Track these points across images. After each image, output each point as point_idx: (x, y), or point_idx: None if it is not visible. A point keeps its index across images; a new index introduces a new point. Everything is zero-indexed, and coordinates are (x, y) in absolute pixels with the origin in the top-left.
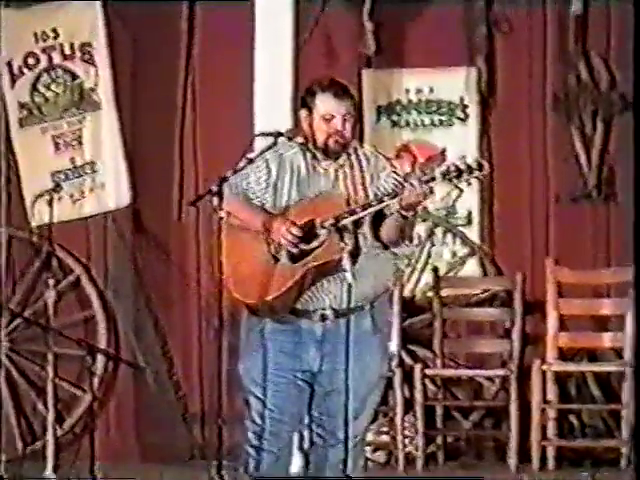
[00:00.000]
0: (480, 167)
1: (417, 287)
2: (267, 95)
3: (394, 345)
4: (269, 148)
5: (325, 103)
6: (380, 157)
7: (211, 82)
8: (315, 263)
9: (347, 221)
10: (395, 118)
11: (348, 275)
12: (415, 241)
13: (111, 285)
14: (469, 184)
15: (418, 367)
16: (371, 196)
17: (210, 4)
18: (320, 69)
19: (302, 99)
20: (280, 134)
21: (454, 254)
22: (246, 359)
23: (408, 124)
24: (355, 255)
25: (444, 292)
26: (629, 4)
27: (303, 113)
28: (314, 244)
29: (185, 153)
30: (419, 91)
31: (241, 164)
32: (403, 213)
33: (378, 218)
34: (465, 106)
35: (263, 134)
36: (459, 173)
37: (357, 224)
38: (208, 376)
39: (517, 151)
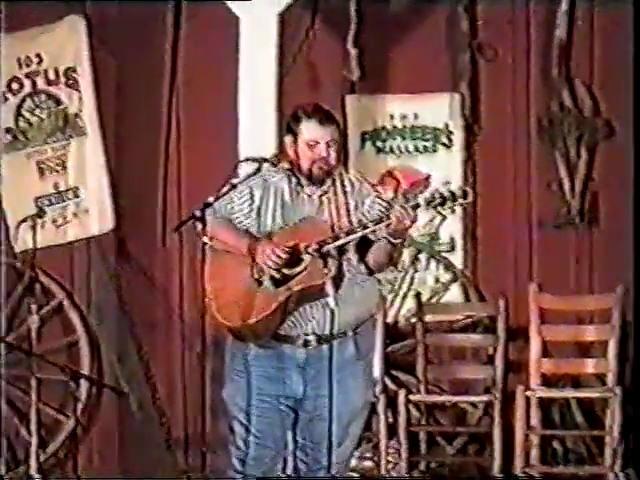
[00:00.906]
0: (464, 195)
1: (400, 313)
2: (251, 121)
3: (377, 371)
4: (253, 174)
5: (309, 129)
6: (364, 183)
7: (195, 107)
8: (298, 287)
9: (331, 247)
10: (380, 144)
11: (331, 301)
12: (399, 267)
13: (94, 310)
14: (453, 211)
15: (402, 393)
16: (355, 222)
17: (195, 29)
18: (304, 95)
19: (287, 125)
20: (264, 160)
21: (437, 280)
22: (230, 384)
23: (392, 150)
24: (338, 281)
25: (427, 318)
26: (614, 28)
27: (288, 139)
28: (297, 269)
29: (169, 178)
30: (404, 117)
31: (225, 189)
32: (391, 239)
33: (364, 244)
34: (450, 132)
35: (247, 160)
36: (443, 201)
37: (341, 250)
38: (192, 401)
39: (501, 177)
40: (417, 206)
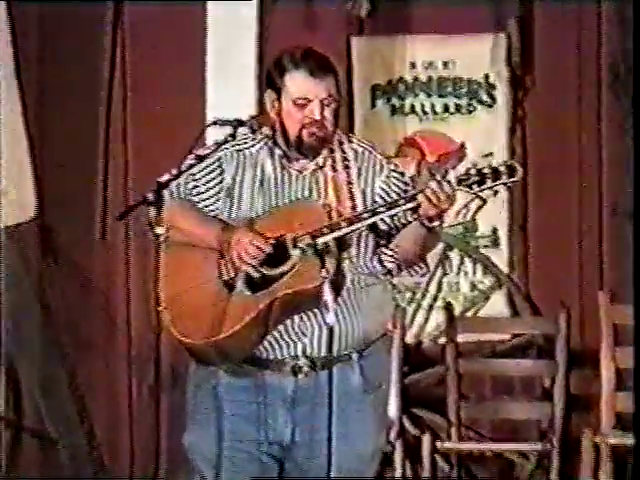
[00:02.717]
0: (511, 171)
1: (424, 330)
2: (223, 71)
3: (393, 409)
4: (224, 142)
5: (298, 83)
6: (375, 154)
7: (147, 56)
8: (283, 293)
9: (328, 239)
10: (396, 102)
11: (329, 314)
12: (423, 268)
13: (10, 325)
14: (495, 193)
15: (426, 439)
16: (360, 206)
17: None
18: (295, 35)
19: (268, 77)
20: (240, 123)
21: (474, 286)
22: (193, 426)
23: (414, 110)
24: (339, 285)
25: (461, 337)
26: None
27: (270, 96)
28: (283, 268)
29: (112, 152)
30: (429, 66)
31: (187, 163)
32: (426, 223)
33: (377, 233)
34: (492, 86)
35: (217, 123)
36: (482, 179)
37: (342, 243)
38: (141, 449)
39: (561, 148)
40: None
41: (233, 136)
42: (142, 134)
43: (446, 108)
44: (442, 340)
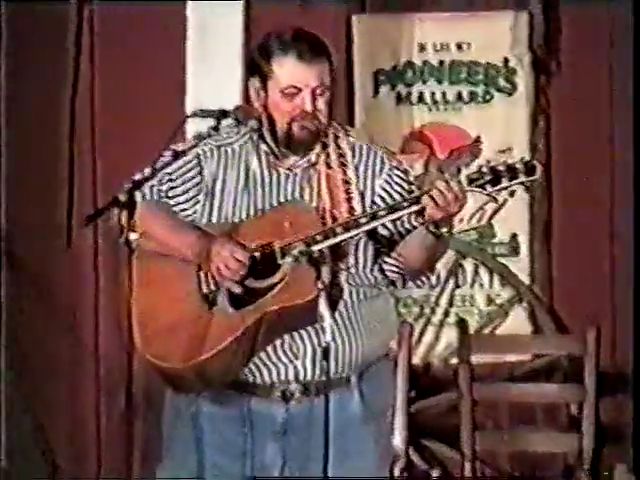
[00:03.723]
0: (529, 169)
1: (434, 350)
2: (204, 55)
3: (398, 440)
4: (207, 136)
5: (286, 69)
6: (376, 150)
7: (118, 41)
8: (272, 309)
9: (323, 246)
10: (402, 90)
11: (325, 331)
12: (432, 279)
13: None
14: (512, 194)
15: (436, 473)
16: (359, 209)
17: None
18: (287, 14)
19: (252, 62)
20: (224, 114)
21: (491, 300)
22: (169, 460)
23: (422, 99)
24: (336, 299)
25: (475, 358)
26: None
27: (254, 84)
28: (271, 280)
29: (78, 149)
30: (441, 48)
31: (163, 160)
32: (432, 229)
33: (378, 239)
34: (512, 71)
35: (198, 115)
36: (496, 178)
37: (338, 251)
38: None
39: (590, 142)
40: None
41: (216, 129)
42: (112, 128)
43: (459, 96)
44: (454, 361)
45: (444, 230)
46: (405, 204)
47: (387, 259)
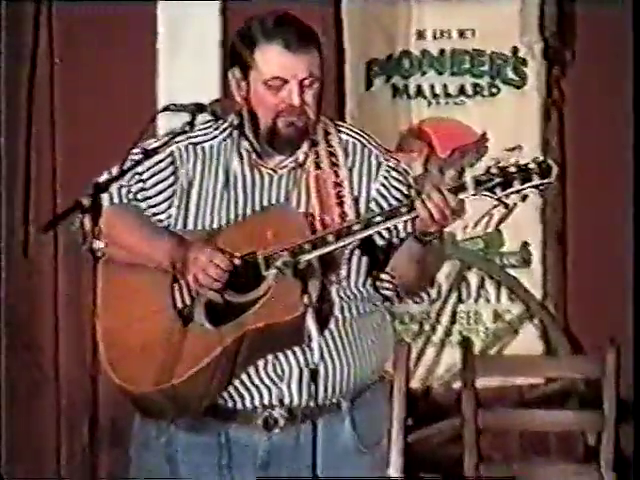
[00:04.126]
0: (544, 170)
1: (434, 373)
2: (177, 43)
3: (394, 472)
4: (180, 133)
5: (271, 59)
6: (371, 147)
7: (81, 27)
8: (255, 326)
9: (312, 257)
10: (399, 82)
11: (313, 351)
12: (432, 293)
13: None
14: (524, 198)
15: None
16: (352, 215)
17: None
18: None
19: (232, 51)
20: (200, 109)
21: (498, 316)
22: None
23: (421, 92)
24: (325, 315)
25: (481, 382)
26: None
27: (235, 75)
28: (254, 294)
29: (36, 146)
30: (442, 35)
31: (132, 159)
32: (419, 236)
33: (373, 249)
34: (521, 61)
35: (171, 109)
36: (507, 180)
37: (328, 262)
38: None
39: (608, 140)
40: (462, 188)
41: (191, 125)
42: (75, 125)
43: (462, 89)
44: (457, 385)
45: (429, 238)
46: (404, 209)
47: (381, 275)
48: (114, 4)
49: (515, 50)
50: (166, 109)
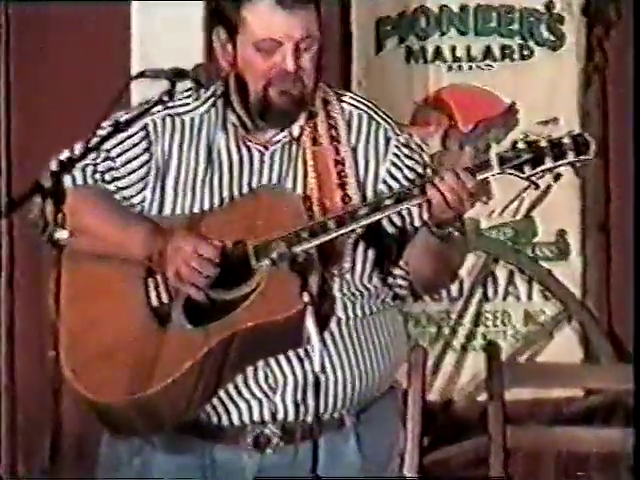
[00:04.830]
0: (580, 145)
1: (455, 383)
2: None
3: None
4: (158, 103)
5: (261, 17)
6: (378, 120)
7: None
8: (244, 326)
9: (310, 246)
10: (414, 44)
11: (313, 356)
12: (453, 290)
13: None
14: (556, 178)
15: None
16: (356, 198)
17: None
18: None
19: (216, 7)
20: (180, 74)
21: (529, 317)
22: None
23: (440, 55)
24: (326, 314)
25: (510, 394)
26: None
27: (219, 36)
28: (243, 290)
29: None
30: None
31: (100, 133)
32: (432, 228)
33: (380, 239)
34: (556, 19)
35: (146, 75)
36: (538, 156)
37: (330, 253)
38: None
39: None
40: (484, 166)
41: (170, 94)
42: (32, 95)
43: (488, 52)
44: (482, 398)
45: (444, 232)
46: (416, 191)
47: (393, 269)
48: None
49: (550, 5)
50: (141, 75)
